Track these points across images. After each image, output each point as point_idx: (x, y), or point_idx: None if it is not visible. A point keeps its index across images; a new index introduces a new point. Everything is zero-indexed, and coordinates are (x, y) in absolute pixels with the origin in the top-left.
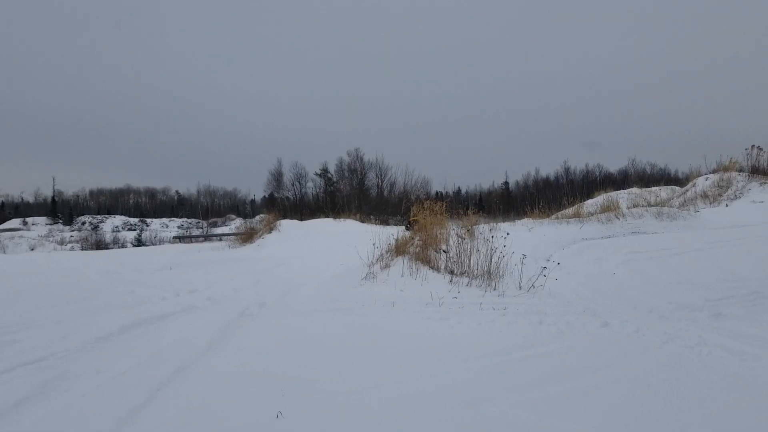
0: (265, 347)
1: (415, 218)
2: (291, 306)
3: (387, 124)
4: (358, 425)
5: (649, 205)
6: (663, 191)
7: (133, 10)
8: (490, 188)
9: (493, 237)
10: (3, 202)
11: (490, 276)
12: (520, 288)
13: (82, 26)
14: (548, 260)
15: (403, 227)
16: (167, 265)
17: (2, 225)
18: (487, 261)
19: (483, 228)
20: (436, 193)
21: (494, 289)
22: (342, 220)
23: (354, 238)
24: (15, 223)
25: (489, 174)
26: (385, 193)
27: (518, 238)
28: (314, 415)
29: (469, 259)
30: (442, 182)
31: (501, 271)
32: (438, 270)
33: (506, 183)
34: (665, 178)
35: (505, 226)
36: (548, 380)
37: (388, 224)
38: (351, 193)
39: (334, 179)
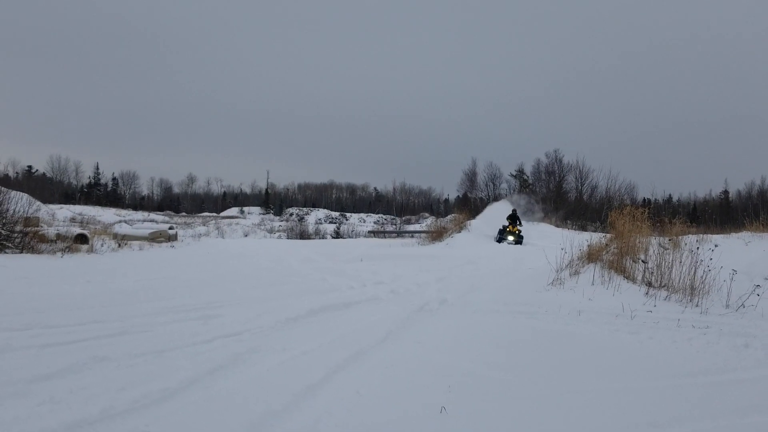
0: (440, 342)
1: (511, 229)
2: (472, 304)
3: (588, 126)
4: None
5: None
6: None
7: (331, 12)
8: (706, 197)
9: (698, 248)
10: (225, 192)
11: (693, 291)
12: (727, 307)
13: (282, 28)
14: (767, 278)
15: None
16: (359, 257)
17: (223, 212)
18: (691, 274)
19: (689, 239)
20: (644, 199)
21: (696, 306)
22: (535, 223)
23: (546, 242)
24: (234, 211)
25: (705, 182)
26: (585, 197)
27: (732, 253)
28: (479, 415)
29: (669, 271)
30: (650, 188)
31: (707, 287)
32: (634, 281)
33: (725, 192)
34: None
35: (716, 238)
36: (749, 409)
37: (585, 230)
38: (547, 195)
39: (530, 181)
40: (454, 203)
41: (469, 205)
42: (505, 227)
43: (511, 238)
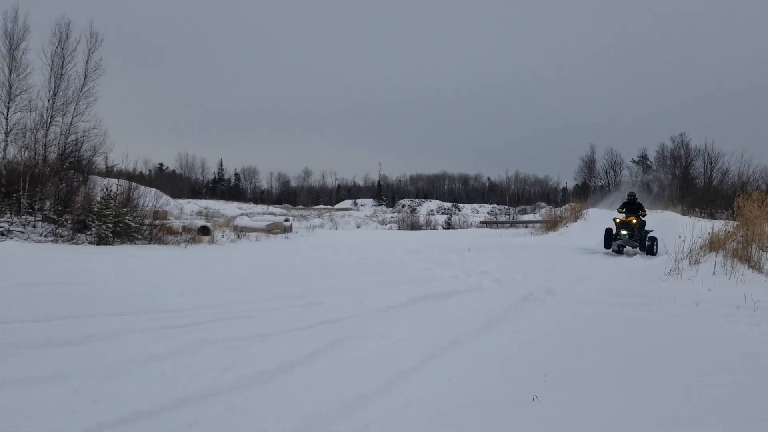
0: (541, 333)
1: (628, 220)
2: (579, 295)
3: (718, 107)
4: (614, 424)
5: None
6: None
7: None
8: None
9: None
10: (339, 185)
11: None
12: None
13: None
14: None
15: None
16: (466, 247)
17: (337, 205)
18: None
19: None
20: None
21: None
22: (659, 211)
23: (667, 231)
24: (347, 203)
25: None
26: (715, 183)
27: None
28: (572, 406)
29: None
30: None
31: None
32: (760, 270)
33: None
34: None
35: None
36: None
37: (714, 218)
38: (672, 182)
39: (654, 167)
40: (573, 191)
41: (588, 194)
42: (619, 224)
43: (624, 232)
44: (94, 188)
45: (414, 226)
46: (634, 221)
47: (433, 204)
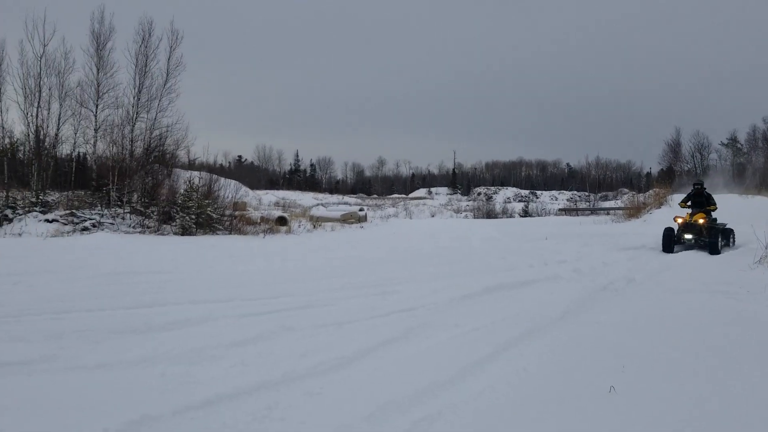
0: (621, 322)
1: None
2: (664, 284)
3: None
4: (695, 418)
5: None
6: None
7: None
8: None
9: None
10: (413, 174)
11: None
12: None
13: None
14: None
15: None
16: (544, 236)
17: (412, 194)
18: None
19: None
20: None
21: None
22: (750, 196)
23: (759, 218)
24: (422, 192)
25: None
26: None
27: None
28: (650, 398)
29: None
30: None
31: None
32: None
33: None
34: None
35: None
36: None
37: None
38: (766, 165)
39: (745, 150)
40: (656, 177)
41: (673, 178)
42: (683, 226)
43: (689, 236)
44: (177, 181)
45: (490, 215)
46: (701, 221)
47: (509, 192)
